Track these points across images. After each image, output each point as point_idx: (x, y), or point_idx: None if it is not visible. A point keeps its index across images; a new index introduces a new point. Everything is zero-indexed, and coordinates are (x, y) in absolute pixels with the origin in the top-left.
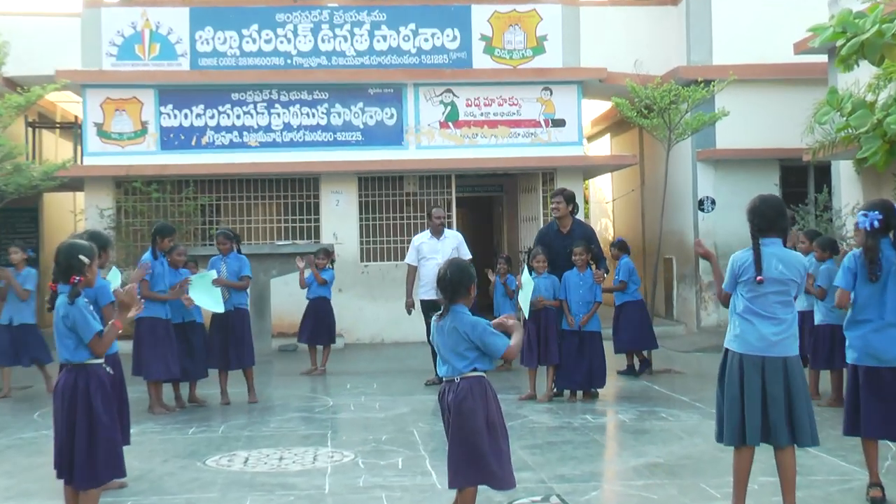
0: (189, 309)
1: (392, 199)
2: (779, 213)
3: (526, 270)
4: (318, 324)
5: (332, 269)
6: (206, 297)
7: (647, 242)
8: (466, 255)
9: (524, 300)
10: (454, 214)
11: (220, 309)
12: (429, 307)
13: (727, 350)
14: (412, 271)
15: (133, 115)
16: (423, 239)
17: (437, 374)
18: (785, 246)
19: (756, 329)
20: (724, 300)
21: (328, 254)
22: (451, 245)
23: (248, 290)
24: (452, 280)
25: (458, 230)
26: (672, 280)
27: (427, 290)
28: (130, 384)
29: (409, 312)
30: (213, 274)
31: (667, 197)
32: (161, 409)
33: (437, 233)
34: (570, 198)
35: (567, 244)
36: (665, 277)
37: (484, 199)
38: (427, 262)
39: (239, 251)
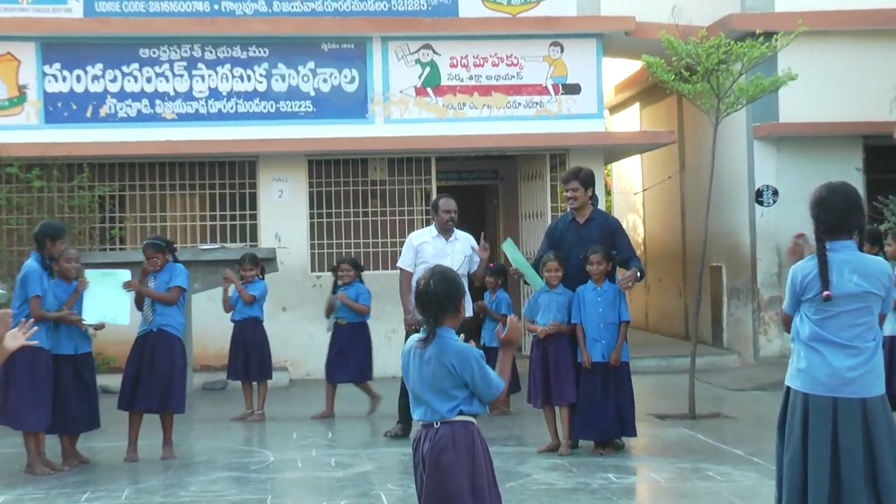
0: (84, 333)
1: (353, 190)
2: (852, 206)
3: (509, 241)
4: (249, 354)
5: (264, 280)
6: (107, 307)
7: (687, 245)
8: (475, 266)
9: (525, 268)
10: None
11: (125, 321)
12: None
13: (788, 388)
14: (408, 279)
15: (7, 76)
16: (425, 238)
17: (399, 423)
18: (861, 250)
19: (826, 361)
20: (787, 325)
21: (256, 261)
22: (463, 250)
23: (182, 309)
24: (438, 294)
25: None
26: (721, 295)
27: None
28: None
29: (411, 329)
30: (126, 274)
31: (714, 186)
32: (44, 468)
33: (447, 231)
34: (587, 179)
35: (585, 237)
36: (712, 292)
37: (473, 190)
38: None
39: (175, 261)
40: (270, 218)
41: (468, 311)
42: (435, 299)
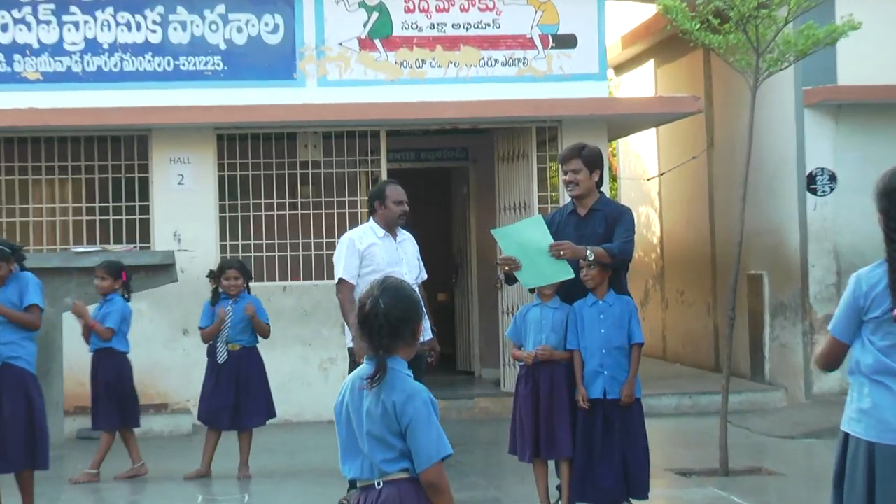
0: None
1: (277, 174)
2: None
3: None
4: (108, 395)
5: (127, 297)
6: None
7: (718, 247)
8: (423, 274)
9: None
10: None
11: None
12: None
13: (847, 435)
14: (351, 292)
15: None
16: (372, 239)
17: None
18: None
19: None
20: (829, 357)
21: (115, 271)
22: (413, 253)
23: (33, 336)
24: (390, 316)
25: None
26: (762, 313)
27: None
28: None
29: (355, 360)
30: None
31: (753, 170)
32: None
33: (394, 229)
34: (593, 159)
35: (587, 234)
36: (750, 308)
37: (436, 174)
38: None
39: (22, 269)
40: (167, 211)
41: (426, 333)
42: (386, 323)
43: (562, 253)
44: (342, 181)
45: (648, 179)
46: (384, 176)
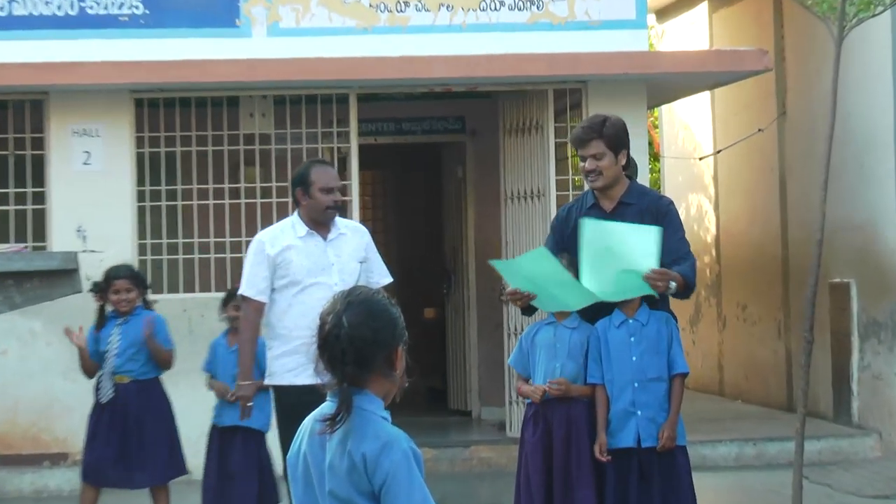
0: None
1: (214, 151)
2: None
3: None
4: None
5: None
6: None
7: (791, 247)
8: (384, 277)
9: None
10: (354, 183)
11: None
12: (302, 404)
13: None
14: (258, 314)
15: None
16: (289, 239)
17: None
18: None
19: None
20: None
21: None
22: (354, 253)
23: None
24: (356, 338)
25: (360, 222)
26: (849, 334)
27: (298, 362)
28: None
29: (245, 414)
30: None
31: (837, 146)
32: None
33: (323, 224)
34: (617, 136)
35: None
36: (834, 328)
37: (422, 152)
38: (302, 294)
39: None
40: (68, 200)
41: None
42: (351, 347)
43: (660, 284)
44: (299, 160)
45: (700, 159)
46: (354, 154)
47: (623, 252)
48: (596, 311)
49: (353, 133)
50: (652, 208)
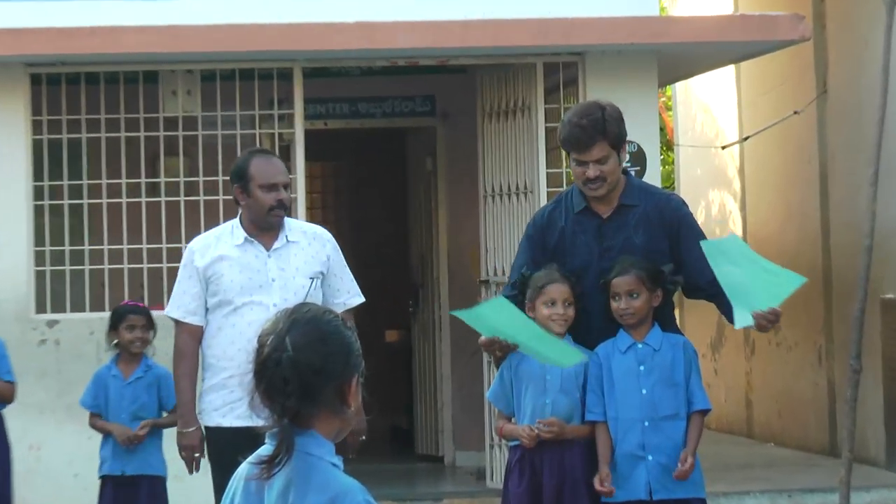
0: None
1: (128, 138)
2: None
3: (471, 312)
4: None
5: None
6: None
7: (833, 256)
8: (352, 297)
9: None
10: (299, 178)
11: None
12: (234, 448)
13: None
14: (193, 340)
15: None
16: (222, 248)
17: None
18: None
19: None
20: None
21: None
22: (305, 266)
23: None
24: (301, 364)
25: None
26: None
27: (226, 399)
28: None
29: (192, 468)
30: None
31: (891, 131)
32: None
33: (267, 229)
34: (620, 133)
35: (614, 245)
36: (886, 354)
37: (385, 139)
38: (234, 316)
39: None
40: None
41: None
42: (295, 376)
43: (767, 327)
44: (232, 149)
45: (724, 148)
46: (299, 142)
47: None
48: (596, 332)
49: (297, 116)
50: (660, 212)
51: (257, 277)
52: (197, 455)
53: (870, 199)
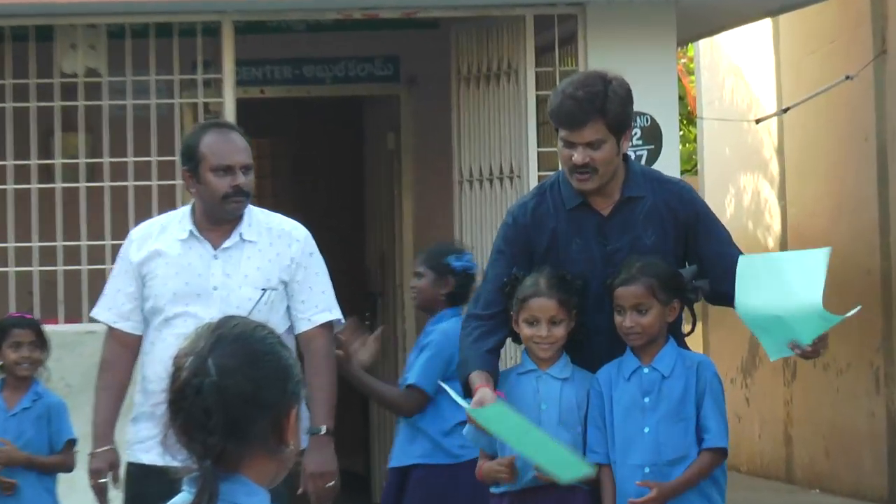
0: None
1: (19, 112)
2: None
3: (484, 411)
4: None
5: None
6: None
7: (894, 254)
8: (322, 312)
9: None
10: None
11: None
12: (151, 491)
13: None
14: (121, 349)
15: None
16: (162, 242)
17: None
18: None
19: None
20: None
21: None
22: (260, 273)
23: None
24: (228, 393)
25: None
26: None
27: (151, 431)
28: None
29: (102, 501)
30: None
31: None
32: None
33: (220, 224)
34: (623, 115)
35: (624, 249)
36: None
37: (337, 110)
38: (165, 328)
39: None
40: None
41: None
42: (219, 407)
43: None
44: (144, 123)
45: (758, 122)
46: (230, 113)
47: (783, 294)
48: (603, 353)
49: (227, 82)
50: (669, 204)
51: (196, 283)
52: (103, 481)
53: None
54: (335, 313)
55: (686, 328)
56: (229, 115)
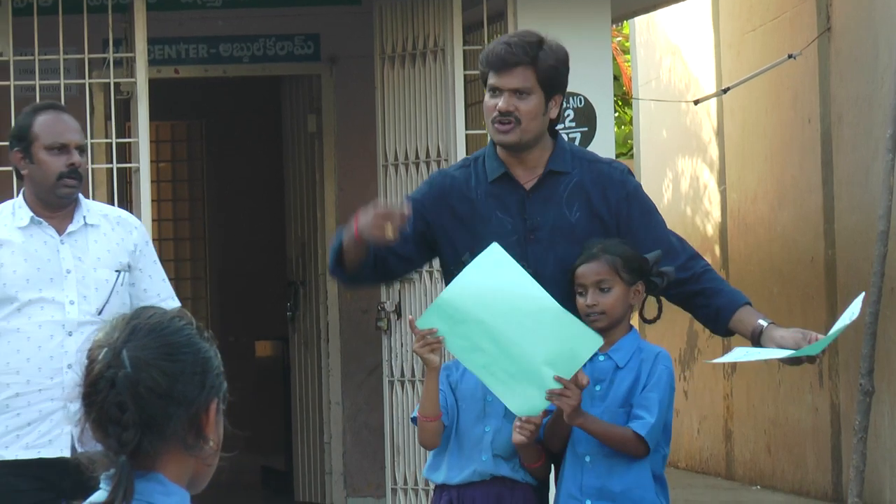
0: None
1: None
2: None
3: None
4: None
5: None
6: None
7: (840, 244)
8: (164, 301)
9: None
10: (142, 142)
11: None
12: (9, 490)
13: None
14: None
15: None
16: (6, 232)
17: None
18: None
19: None
20: None
21: None
22: (109, 257)
23: None
24: (142, 386)
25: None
26: None
27: (9, 426)
28: None
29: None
30: None
31: None
32: None
33: (57, 207)
34: (555, 72)
35: (549, 229)
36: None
37: (253, 90)
38: (19, 317)
39: None
40: None
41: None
42: (134, 401)
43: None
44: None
45: (696, 103)
46: (142, 94)
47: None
48: None
49: (139, 61)
50: (599, 184)
51: (47, 268)
52: None
53: (886, 171)
54: (175, 301)
55: (651, 315)
56: (141, 96)
